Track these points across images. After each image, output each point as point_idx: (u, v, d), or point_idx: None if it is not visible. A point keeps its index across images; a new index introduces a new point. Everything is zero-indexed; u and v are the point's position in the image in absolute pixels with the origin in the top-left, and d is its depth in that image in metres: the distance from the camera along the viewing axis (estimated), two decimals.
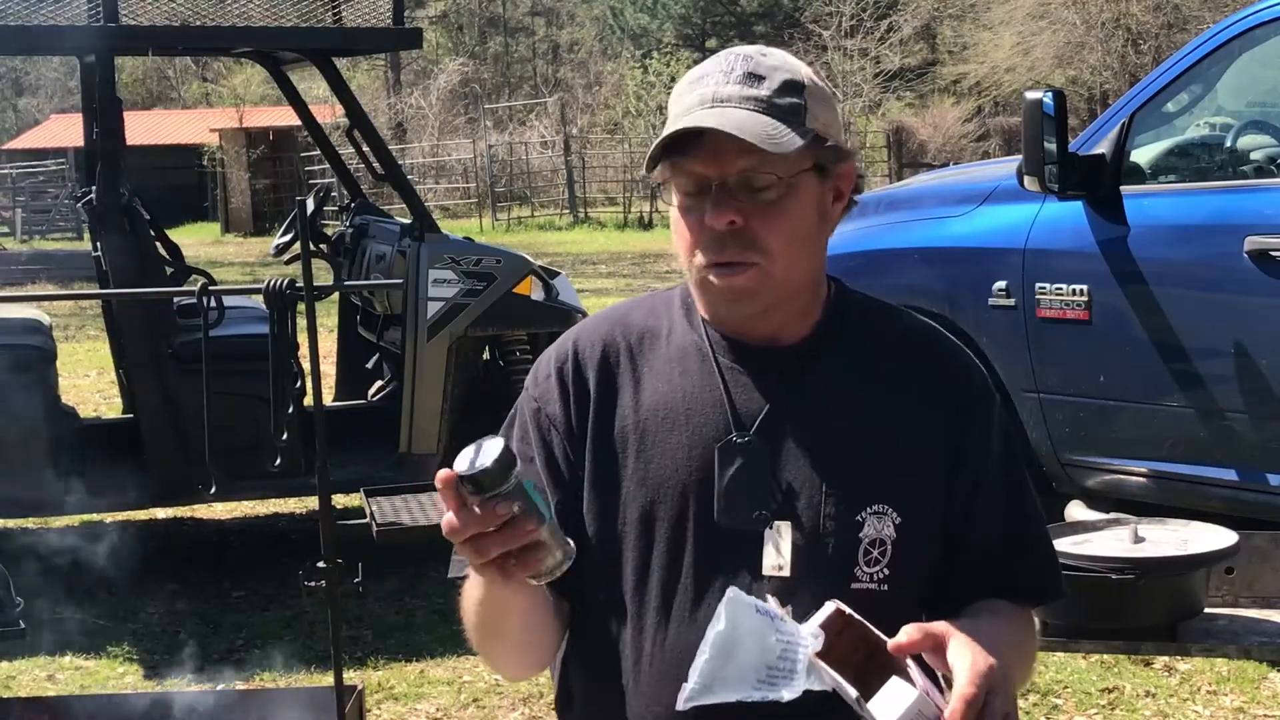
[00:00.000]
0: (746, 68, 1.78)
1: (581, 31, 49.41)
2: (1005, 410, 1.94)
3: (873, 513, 1.79)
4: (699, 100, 1.77)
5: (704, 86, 1.78)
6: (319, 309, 5.05)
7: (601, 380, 1.86)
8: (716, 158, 1.74)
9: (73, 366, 11.44)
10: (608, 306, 2.02)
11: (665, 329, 1.89)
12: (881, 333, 1.89)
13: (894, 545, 1.79)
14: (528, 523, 1.58)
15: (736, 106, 1.75)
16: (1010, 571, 1.86)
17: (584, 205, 30.98)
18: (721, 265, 1.76)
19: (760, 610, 1.63)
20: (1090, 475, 5.41)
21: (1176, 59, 5.42)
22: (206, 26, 6.90)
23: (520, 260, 6.39)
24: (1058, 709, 4.65)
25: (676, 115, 1.78)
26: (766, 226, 1.75)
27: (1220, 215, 5.02)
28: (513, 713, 4.79)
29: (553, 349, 1.93)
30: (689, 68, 2.03)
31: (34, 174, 37.13)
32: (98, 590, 5.84)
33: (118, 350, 7.12)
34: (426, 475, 6.07)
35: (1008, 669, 1.64)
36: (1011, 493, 1.88)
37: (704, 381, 1.83)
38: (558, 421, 1.86)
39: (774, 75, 1.78)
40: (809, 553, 1.77)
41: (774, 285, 1.78)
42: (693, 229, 1.77)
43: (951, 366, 1.89)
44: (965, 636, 1.62)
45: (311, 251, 4.59)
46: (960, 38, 34.23)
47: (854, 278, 1.99)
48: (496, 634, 1.83)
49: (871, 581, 1.78)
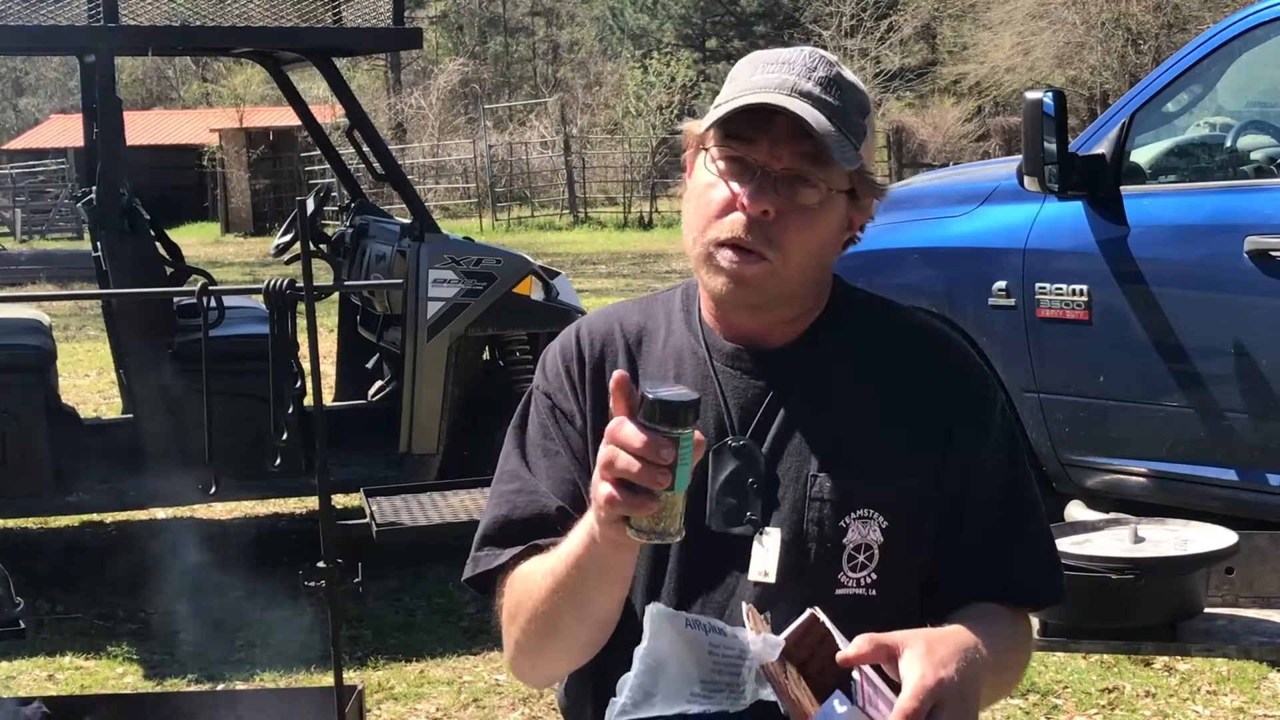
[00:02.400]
0: (829, 73, 1.77)
1: (581, 31, 49.41)
2: (1005, 407, 1.91)
3: (858, 518, 1.77)
4: (779, 84, 1.74)
5: (786, 72, 1.75)
6: (319, 309, 5.05)
7: (599, 377, 1.85)
8: (776, 146, 1.72)
9: (73, 366, 11.44)
10: (609, 305, 2.01)
11: (663, 329, 1.88)
12: (879, 333, 1.88)
13: (881, 550, 1.77)
14: (666, 472, 1.51)
15: (816, 106, 1.73)
16: (1002, 574, 1.83)
17: (584, 205, 30.97)
18: (736, 248, 1.74)
19: (691, 624, 1.58)
20: (1090, 475, 5.41)
21: (1176, 59, 5.42)
22: (206, 26, 6.90)
23: (520, 260, 6.39)
24: (1058, 709, 4.65)
25: (750, 89, 1.75)
26: (794, 228, 1.74)
27: (1220, 215, 5.03)
28: (513, 713, 4.79)
29: (558, 344, 1.91)
30: (689, 68, 2.01)
31: (34, 174, 37.12)
32: (98, 590, 5.84)
33: (118, 350, 7.12)
34: (426, 475, 6.08)
35: (966, 682, 1.58)
36: (1007, 495, 1.85)
37: (699, 383, 1.82)
38: (573, 417, 1.85)
39: (851, 92, 1.77)
40: (792, 558, 1.75)
41: (778, 285, 1.77)
42: (719, 202, 1.75)
43: (947, 366, 1.87)
44: (922, 647, 1.58)
45: (311, 251, 4.59)
46: (960, 38, 34.21)
47: (854, 278, 1.98)
48: (577, 616, 1.71)
49: (858, 586, 1.77)
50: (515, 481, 1.86)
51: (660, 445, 1.50)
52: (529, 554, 1.79)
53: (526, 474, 1.86)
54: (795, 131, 1.71)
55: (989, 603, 1.81)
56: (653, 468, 1.50)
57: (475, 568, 1.87)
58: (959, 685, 1.57)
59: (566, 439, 1.85)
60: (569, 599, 1.70)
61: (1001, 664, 1.75)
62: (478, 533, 1.88)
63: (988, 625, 1.74)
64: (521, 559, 1.80)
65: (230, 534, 7.17)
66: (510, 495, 1.85)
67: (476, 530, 1.89)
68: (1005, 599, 1.83)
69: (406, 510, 5.37)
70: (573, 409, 1.85)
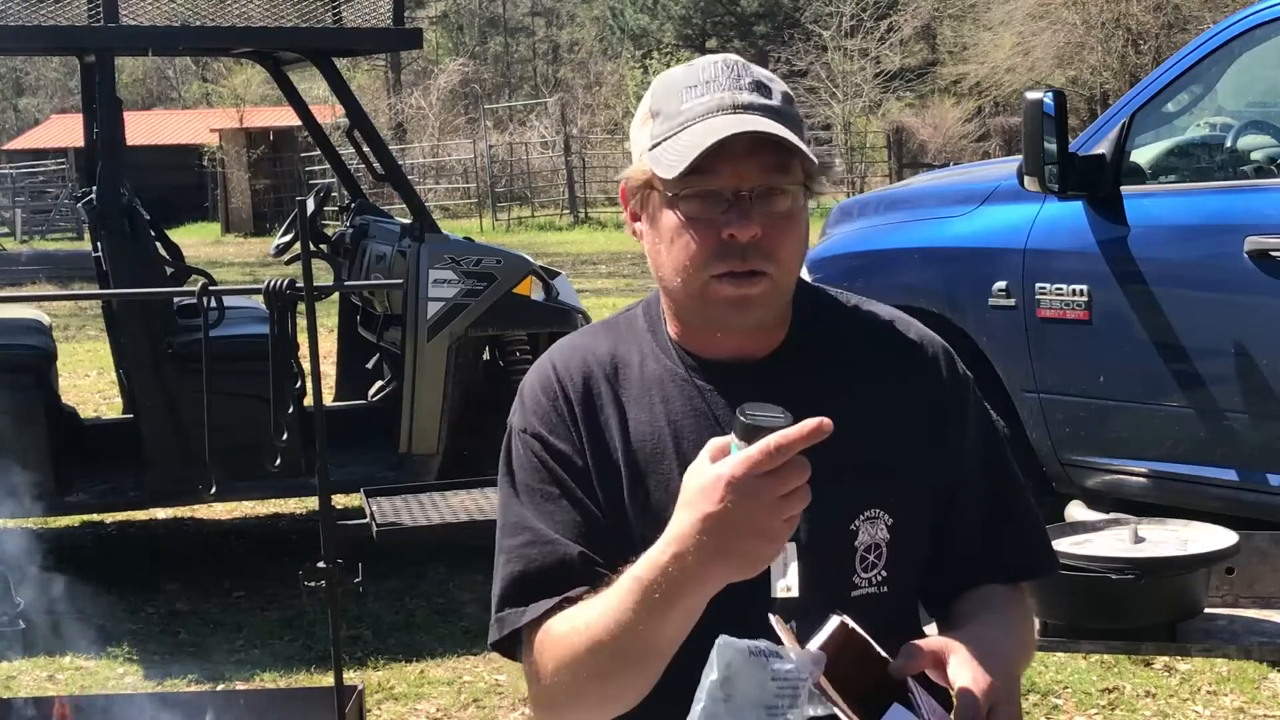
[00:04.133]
0: (750, 76, 1.73)
1: (581, 31, 49.43)
2: (978, 393, 1.92)
3: (865, 519, 1.77)
4: (718, 105, 1.70)
5: (717, 90, 1.71)
6: (319, 309, 5.05)
7: (588, 413, 1.81)
8: (739, 166, 1.68)
9: (73, 366, 11.44)
10: (568, 337, 1.95)
11: (636, 355, 1.85)
12: (851, 331, 1.86)
13: (889, 547, 1.77)
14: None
15: (760, 114, 1.69)
16: (997, 549, 1.85)
17: (584, 205, 30.98)
18: (739, 275, 1.71)
19: (754, 651, 1.57)
20: (1090, 475, 5.41)
21: (1176, 59, 5.42)
22: (206, 26, 6.90)
23: (520, 260, 6.39)
24: (1058, 709, 4.65)
25: (691, 118, 1.70)
26: (783, 237, 1.71)
27: (1220, 215, 5.03)
28: (513, 713, 4.79)
29: (535, 382, 1.85)
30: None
31: (34, 174, 37.13)
32: (98, 590, 5.84)
33: (118, 350, 7.13)
34: (426, 475, 6.08)
35: (1010, 678, 1.63)
36: (992, 471, 1.87)
37: (688, 406, 1.80)
38: (571, 457, 1.80)
39: (774, 86, 1.74)
40: (808, 569, 1.74)
41: (779, 296, 1.76)
42: (704, 239, 1.70)
43: (923, 355, 1.87)
44: (966, 651, 1.60)
45: (311, 251, 4.59)
46: (960, 38, 34.22)
47: (854, 278, 1.99)
48: (661, 651, 1.64)
49: (871, 586, 1.77)
50: (524, 534, 1.78)
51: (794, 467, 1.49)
52: (561, 607, 1.73)
53: (534, 523, 1.78)
54: (752, 147, 1.68)
55: (989, 584, 1.83)
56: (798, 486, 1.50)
57: (502, 629, 1.78)
58: (1005, 686, 1.60)
59: (567, 479, 1.78)
60: (640, 642, 1.63)
61: (1023, 645, 1.80)
62: (495, 593, 1.80)
63: (1001, 614, 1.78)
64: (551, 614, 1.73)
65: (230, 534, 7.18)
66: (521, 550, 1.78)
67: (493, 593, 1.81)
68: (1003, 577, 1.85)
69: (406, 510, 5.37)
70: (567, 449, 1.79)
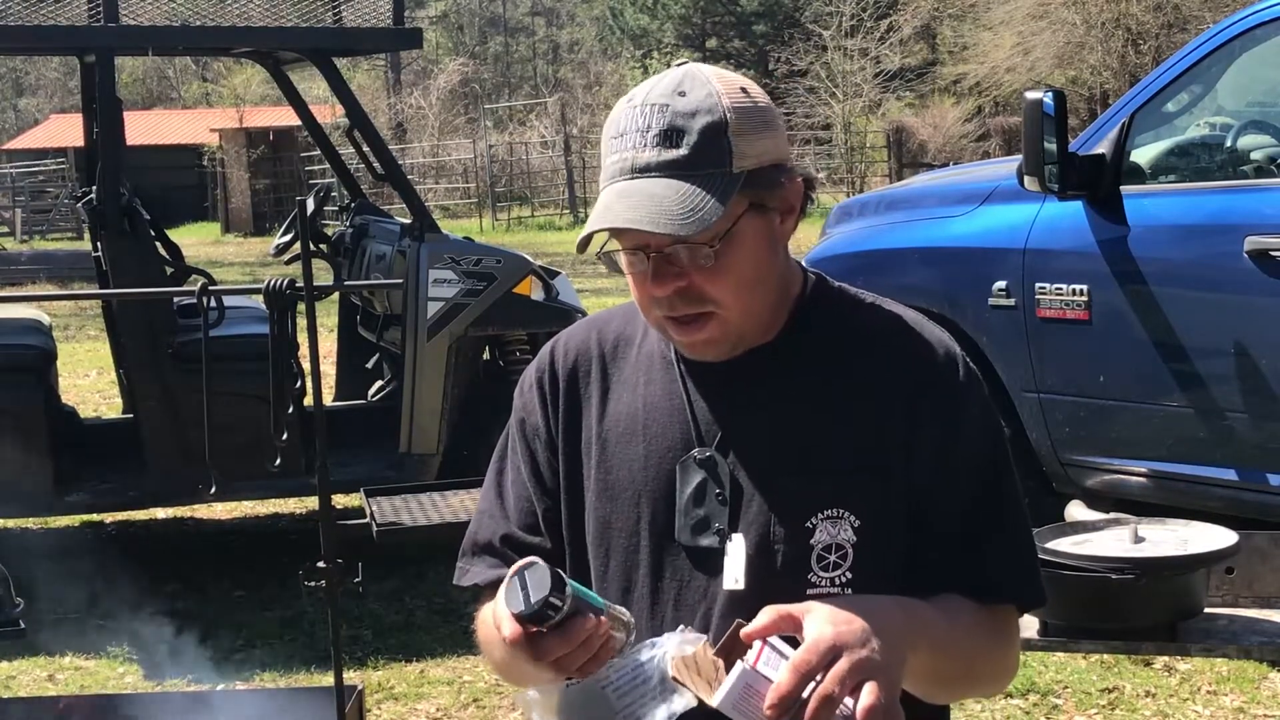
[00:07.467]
0: (663, 123, 1.68)
1: (581, 31, 49.45)
2: (989, 404, 1.84)
3: (826, 518, 1.74)
4: (619, 169, 1.70)
5: (624, 148, 1.70)
6: (319, 309, 5.05)
7: (571, 389, 1.88)
8: (639, 234, 1.70)
9: (73, 366, 11.44)
10: (599, 310, 2.02)
11: (639, 335, 1.89)
12: (849, 328, 1.84)
13: (855, 548, 1.74)
14: (595, 625, 1.61)
15: (655, 176, 1.68)
16: (974, 569, 1.78)
17: (584, 205, 30.96)
18: (678, 321, 1.74)
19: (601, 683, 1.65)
20: (1090, 475, 5.41)
21: (1176, 59, 5.42)
22: (206, 26, 6.90)
23: (520, 260, 6.39)
24: (1058, 709, 4.65)
25: (605, 178, 1.73)
26: (713, 284, 1.71)
27: (1220, 215, 5.03)
28: (513, 713, 4.79)
29: (536, 358, 1.95)
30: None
31: (34, 174, 37.12)
32: (98, 590, 5.84)
33: (118, 350, 7.13)
34: (426, 475, 6.08)
35: (883, 633, 1.57)
36: (980, 487, 1.80)
37: (666, 390, 1.82)
38: (540, 432, 1.89)
39: (692, 125, 1.68)
40: (760, 564, 1.74)
41: (734, 328, 1.75)
42: (641, 289, 1.75)
43: (915, 356, 1.81)
44: (825, 611, 1.57)
45: (311, 251, 4.59)
46: (960, 38, 34.20)
47: (854, 278, 1.96)
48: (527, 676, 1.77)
49: (832, 586, 1.74)
50: (485, 500, 1.94)
51: (571, 628, 1.60)
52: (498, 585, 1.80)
53: (492, 494, 1.93)
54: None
55: (959, 597, 1.77)
56: (590, 635, 1.61)
57: (458, 578, 1.95)
58: (863, 634, 1.55)
59: (531, 453, 1.89)
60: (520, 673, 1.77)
61: (957, 641, 1.72)
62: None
63: (944, 605, 1.73)
64: (490, 590, 1.85)
65: (230, 534, 7.18)
66: (479, 516, 1.95)
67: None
68: (977, 594, 1.78)
69: (406, 510, 5.37)
70: (539, 423, 1.89)
